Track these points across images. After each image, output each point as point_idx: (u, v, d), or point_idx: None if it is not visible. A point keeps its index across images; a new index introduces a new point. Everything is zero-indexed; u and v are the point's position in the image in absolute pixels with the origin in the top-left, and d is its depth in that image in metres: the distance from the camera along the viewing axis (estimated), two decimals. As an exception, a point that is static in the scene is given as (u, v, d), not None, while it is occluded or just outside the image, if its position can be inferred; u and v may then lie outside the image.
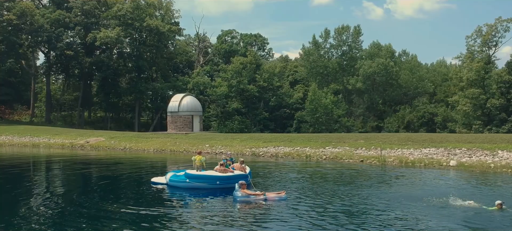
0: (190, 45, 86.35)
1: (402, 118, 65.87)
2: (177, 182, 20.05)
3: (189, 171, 20.22)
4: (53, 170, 26.96)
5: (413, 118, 65.55)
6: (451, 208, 14.60)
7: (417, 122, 65.09)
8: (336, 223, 12.96)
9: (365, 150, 31.64)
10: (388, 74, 68.16)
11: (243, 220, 13.54)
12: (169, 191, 19.31)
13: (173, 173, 20.93)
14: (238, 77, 68.40)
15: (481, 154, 27.58)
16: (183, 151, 37.82)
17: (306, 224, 12.86)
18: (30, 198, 17.41)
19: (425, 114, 65.71)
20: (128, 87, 71.73)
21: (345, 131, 59.70)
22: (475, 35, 57.07)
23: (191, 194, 18.49)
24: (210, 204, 16.46)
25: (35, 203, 16.02)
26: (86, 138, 45.91)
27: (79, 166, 28.33)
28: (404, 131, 57.55)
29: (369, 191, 18.06)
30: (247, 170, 21.10)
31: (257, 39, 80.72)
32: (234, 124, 66.69)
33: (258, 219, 13.57)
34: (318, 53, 73.09)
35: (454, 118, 59.87)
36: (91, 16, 69.74)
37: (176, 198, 17.59)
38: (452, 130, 56.79)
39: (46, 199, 16.96)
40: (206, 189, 19.22)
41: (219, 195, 18.16)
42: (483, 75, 54.48)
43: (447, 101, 68.50)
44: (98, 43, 65.04)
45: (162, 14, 74.72)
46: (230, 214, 14.57)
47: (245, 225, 12.80)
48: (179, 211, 15.06)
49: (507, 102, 52.68)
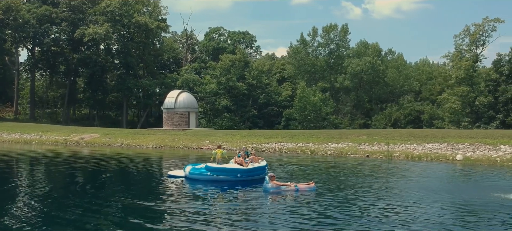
0: (177, 42, 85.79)
1: (389, 116, 66.84)
2: (198, 175, 20.02)
3: (210, 164, 20.19)
4: (62, 166, 26.44)
5: (400, 115, 66.58)
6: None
7: (404, 119, 66.15)
8: (375, 215, 13.11)
9: (369, 145, 32.03)
10: (375, 72, 69.11)
11: (277, 212, 13.55)
12: (190, 184, 19.22)
13: (192, 166, 20.84)
14: (227, 75, 68.40)
15: (485, 149, 28.20)
16: (183, 147, 37.65)
17: (339, 215, 12.93)
18: (55, 194, 17.15)
19: (412, 112, 66.82)
20: (116, 84, 70.88)
21: (333, 128, 60.20)
22: (463, 34, 58.28)
23: (216, 186, 18.42)
24: (242, 197, 16.48)
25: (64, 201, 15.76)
26: (79, 135, 45.24)
27: (91, 163, 27.84)
28: (391, 128, 58.32)
29: (405, 185, 18.28)
30: (263, 162, 21.29)
31: (245, 36, 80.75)
32: (223, 121, 66.71)
33: (293, 210, 13.61)
34: (305, 51, 73.57)
35: (441, 115, 61.06)
36: (78, 11, 68.70)
37: (203, 192, 17.54)
38: (439, 127, 57.82)
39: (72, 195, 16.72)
40: (227, 182, 19.27)
41: (245, 187, 18.19)
42: (472, 73, 55.65)
43: (433, 99, 69.86)
44: (86, 39, 64.11)
45: (150, 11, 74.07)
46: (265, 206, 14.71)
47: (280, 216, 12.82)
48: (211, 205, 15.01)
49: (494, 100, 53.96)
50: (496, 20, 56.38)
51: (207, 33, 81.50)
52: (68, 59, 70.56)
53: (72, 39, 69.45)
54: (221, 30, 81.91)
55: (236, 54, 71.41)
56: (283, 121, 69.33)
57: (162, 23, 72.87)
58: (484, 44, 58.09)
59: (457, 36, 59.15)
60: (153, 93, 72.71)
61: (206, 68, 74.90)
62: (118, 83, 70.45)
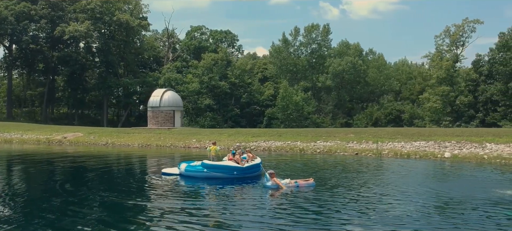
0: (158, 40, 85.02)
1: (370, 115, 67.65)
2: (194, 172, 19.94)
3: (206, 161, 20.11)
4: (49, 165, 25.91)
5: (381, 115, 67.44)
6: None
7: (385, 118, 67.02)
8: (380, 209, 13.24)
9: (357, 143, 32.30)
10: (357, 72, 69.79)
11: (281, 208, 13.60)
12: (186, 181, 19.14)
13: (187, 163, 20.71)
14: (209, 74, 68.17)
15: (471, 147, 28.75)
16: (170, 146, 37.32)
17: (343, 211, 13.06)
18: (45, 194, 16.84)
19: (393, 111, 67.74)
20: (96, 82, 69.88)
21: (315, 128, 60.57)
22: (444, 34, 59.30)
23: (214, 184, 18.33)
24: (243, 194, 16.48)
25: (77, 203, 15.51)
26: (62, 134, 44.40)
27: (78, 162, 27.40)
28: (372, 127, 58.97)
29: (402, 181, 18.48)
30: (257, 160, 21.32)
31: (227, 35, 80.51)
32: (206, 120, 66.44)
33: (296, 207, 13.65)
34: (287, 51, 73.84)
35: (421, 115, 62.05)
36: (58, 9, 67.45)
37: (201, 189, 17.49)
38: (419, 126, 58.67)
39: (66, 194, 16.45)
40: (223, 179, 19.24)
41: (245, 184, 18.20)
42: (452, 73, 56.65)
43: (412, 99, 70.95)
44: (66, 37, 62.99)
45: (131, 9, 73.25)
46: (267, 203, 14.83)
47: (283, 212, 12.90)
48: (212, 202, 14.93)
49: (474, 99, 55.02)
50: (476, 21, 57.61)
51: (189, 32, 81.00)
52: (47, 57, 69.24)
53: (51, 36, 68.24)
54: (203, 29, 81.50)
55: (219, 53, 71.20)
56: (265, 120, 69.47)
57: (143, 22, 72.18)
58: (464, 45, 59.29)
59: (438, 37, 60.29)
60: (134, 92, 71.93)
61: (187, 67, 74.43)
62: (98, 82, 69.50)
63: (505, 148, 27.65)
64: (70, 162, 26.94)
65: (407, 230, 10.90)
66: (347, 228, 11.08)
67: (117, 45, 69.59)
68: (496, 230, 10.86)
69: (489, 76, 55.31)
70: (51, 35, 67.91)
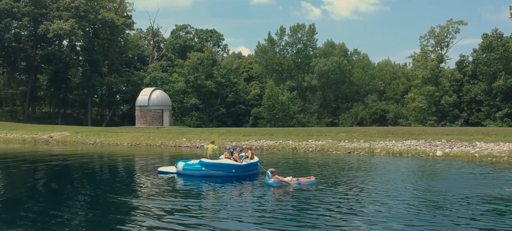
0: (142, 39, 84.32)
1: (355, 115, 68.17)
2: (192, 170, 19.84)
3: (204, 160, 20.02)
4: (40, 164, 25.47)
5: (366, 114, 68.00)
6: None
7: (370, 118, 67.61)
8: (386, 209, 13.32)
9: (348, 142, 32.48)
10: (342, 72, 70.21)
11: (284, 206, 13.64)
12: (185, 179, 19.03)
13: (184, 162, 20.58)
14: (195, 73, 67.93)
15: (461, 145, 29.15)
16: (160, 145, 37.02)
17: (348, 209, 13.12)
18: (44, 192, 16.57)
19: (377, 111, 68.37)
20: (81, 81, 68.97)
21: (300, 127, 60.81)
22: (428, 35, 60.05)
23: (215, 182, 18.26)
24: (245, 192, 16.44)
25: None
26: (48, 133, 43.71)
27: (69, 161, 26.98)
28: (363, 127, 59.41)
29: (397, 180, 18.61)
30: (255, 159, 21.31)
31: (213, 35, 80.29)
32: (192, 119, 66.21)
33: (300, 205, 13.69)
34: (273, 50, 73.98)
35: (405, 114, 62.75)
36: (41, 6, 66.35)
37: (200, 188, 17.33)
38: (404, 125, 59.28)
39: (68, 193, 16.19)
40: (222, 177, 19.19)
41: (247, 182, 18.18)
42: (437, 73, 57.41)
43: (396, 99, 71.74)
44: (50, 35, 61.98)
45: (115, 7, 72.54)
46: (270, 200, 14.80)
47: (287, 210, 12.95)
48: (212, 201, 14.83)
49: (459, 99, 55.84)
50: (460, 22, 58.47)
51: (174, 31, 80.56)
52: (30, 56, 68.09)
53: (34, 35, 67.12)
54: (188, 28, 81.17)
55: (204, 53, 71.01)
56: (251, 120, 69.53)
57: (128, 20, 71.55)
58: (448, 46, 60.13)
59: (423, 37, 61.02)
60: (119, 91, 71.21)
61: (173, 66, 74.04)
62: (83, 81, 68.63)
63: (495, 147, 28.13)
64: (60, 161, 26.47)
65: (419, 226, 10.97)
66: (353, 227, 11.07)
67: (102, 43, 68.81)
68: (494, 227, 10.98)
69: (473, 76, 56.17)
70: (33, 33, 66.78)
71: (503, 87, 50.71)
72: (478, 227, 10.95)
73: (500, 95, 51.51)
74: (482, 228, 10.87)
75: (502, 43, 52.06)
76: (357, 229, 10.89)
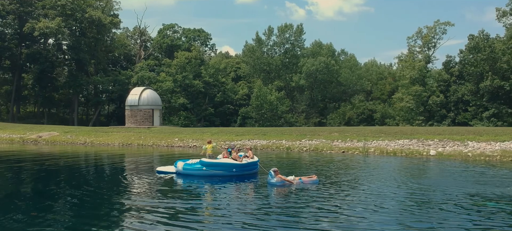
0: (129, 38, 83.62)
1: (343, 114, 68.64)
2: (192, 170, 19.71)
3: (204, 159, 19.94)
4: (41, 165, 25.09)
5: (353, 114, 68.55)
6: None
7: (357, 118, 68.19)
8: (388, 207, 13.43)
9: (342, 142, 32.67)
10: (330, 72, 70.63)
11: (287, 203, 13.65)
12: (185, 179, 18.91)
13: (183, 161, 20.46)
14: (183, 72, 67.69)
15: (453, 145, 29.52)
16: (152, 145, 36.74)
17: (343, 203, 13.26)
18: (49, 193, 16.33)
19: (365, 111, 68.99)
20: (67, 81, 68.13)
21: (289, 126, 61.01)
22: (416, 36, 60.72)
23: (215, 182, 18.18)
24: (249, 192, 16.36)
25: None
26: (36, 133, 43.13)
27: (62, 161, 26.60)
28: (350, 127, 59.81)
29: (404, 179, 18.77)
30: (255, 158, 21.30)
31: (201, 34, 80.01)
32: (179, 119, 65.98)
33: (303, 203, 13.70)
34: (261, 50, 74.10)
35: (392, 114, 63.43)
36: (26, 4, 65.41)
37: (203, 188, 17.24)
38: (391, 125, 59.86)
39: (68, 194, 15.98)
40: (222, 177, 19.14)
41: (250, 181, 18.16)
42: (425, 73, 58.08)
43: (383, 99, 72.47)
44: (36, 33, 61.13)
45: (102, 6, 71.86)
46: (275, 198, 14.77)
47: (292, 207, 12.94)
48: (217, 201, 14.72)
49: (446, 99, 56.55)
50: (447, 23, 59.25)
51: (161, 30, 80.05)
52: (15, 54, 67.10)
53: (19, 33, 66.15)
54: (175, 27, 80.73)
55: (192, 52, 70.80)
56: (239, 119, 69.59)
57: (115, 19, 70.94)
58: (435, 46, 60.90)
59: (410, 38, 61.70)
60: (106, 90, 70.57)
61: (160, 65, 73.64)
62: (69, 80, 67.80)
63: (487, 146, 28.52)
64: (54, 162, 26.05)
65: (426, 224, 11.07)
66: (357, 225, 11.10)
67: (88, 42, 68.07)
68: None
69: (460, 77, 56.94)
70: (18, 32, 65.80)
71: (489, 88, 51.49)
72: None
73: (487, 96, 52.29)
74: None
75: (488, 44, 52.86)
76: (367, 228, 10.92)
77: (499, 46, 52.90)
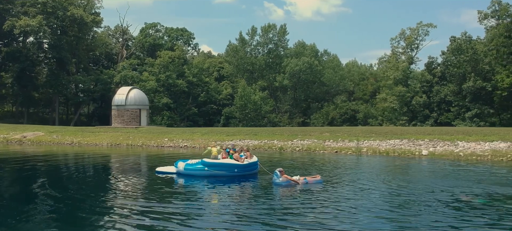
0: (110, 37, 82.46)
1: (326, 114, 69.11)
2: (194, 170, 19.58)
3: (206, 159, 19.83)
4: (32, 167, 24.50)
5: (336, 114, 69.09)
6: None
7: (340, 118, 68.73)
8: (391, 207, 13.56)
9: (333, 142, 32.85)
10: (313, 72, 71.01)
11: (296, 203, 13.71)
12: (187, 180, 18.78)
13: (184, 162, 20.31)
14: (166, 72, 67.20)
15: (444, 144, 29.98)
16: (142, 145, 36.31)
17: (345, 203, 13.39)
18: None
19: (348, 111, 69.58)
20: (48, 80, 66.78)
21: (272, 126, 61.15)
22: (399, 37, 61.52)
23: (219, 182, 18.10)
24: (255, 192, 16.34)
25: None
26: (20, 133, 42.20)
27: (54, 161, 26.03)
28: (327, 126, 60.22)
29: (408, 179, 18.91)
30: (255, 158, 21.30)
31: (183, 33, 79.48)
32: (163, 119, 65.49)
33: (310, 202, 13.75)
34: (244, 50, 74.08)
35: (375, 114, 64.20)
36: (6, 2, 63.91)
37: (208, 188, 17.10)
38: (373, 125, 60.54)
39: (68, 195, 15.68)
40: (224, 177, 19.08)
41: (254, 181, 18.13)
42: (408, 74, 58.92)
43: (365, 99, 73.27)
44: (17, 31, 59.80)
45: (84, 4, 70.71)
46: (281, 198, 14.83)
47: (298, 207, 13.01)
48: (223, 201, 14.65)
49: (429, 100, 57.45)
50: (429, 25, 60.21)
51: (143, 29, 79.21)
52: (-6, 53, 65.62)
53: (-2, 30, 64.63)
54: (158, 26, 79.99)
55: (175, 51, 70.34)
56: (223, 119, 69.49)
57: (97, 17, 69.93)
58: (418, 47, 61.81)
59: (393, 39, 62.49)
60: (87, 89, 69.47)
61: (143, 64, 72.90)
62: (50, 79, 66.46)
63: (476, 146, 29.03)
64: (43, 162, 25.36)
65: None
66: (361, 225, 11.15)
67: (69, 41, 66.87)
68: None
69: (443, 78, 57.93)
70: (-2, 29, 64.32)
71: (472, 89, 52.51)
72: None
73: (469, 96, 53.31)
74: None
75: (471, 46, 53.91)
76: (374, 225, 11.01)
77: (481, 48, 54.02)
